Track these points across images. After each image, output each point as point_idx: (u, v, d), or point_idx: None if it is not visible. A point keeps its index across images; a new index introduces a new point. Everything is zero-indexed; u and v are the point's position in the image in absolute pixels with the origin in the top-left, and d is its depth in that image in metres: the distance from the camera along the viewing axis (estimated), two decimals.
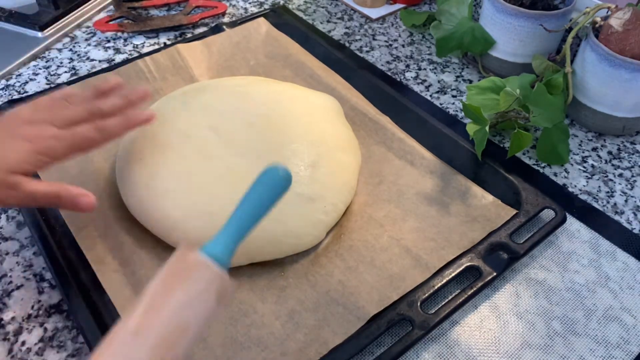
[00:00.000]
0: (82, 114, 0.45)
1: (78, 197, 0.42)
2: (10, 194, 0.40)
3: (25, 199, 0.41)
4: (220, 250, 0.33)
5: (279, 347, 0.43)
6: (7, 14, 0.77)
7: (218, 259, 0.32)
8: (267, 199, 0.35)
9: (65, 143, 0.43)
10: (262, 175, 0.36)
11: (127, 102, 0.47)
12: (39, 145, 0.42)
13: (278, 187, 0.36)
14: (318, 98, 0.58)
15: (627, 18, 0.58)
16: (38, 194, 0.41)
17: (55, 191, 0.41)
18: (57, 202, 0.42)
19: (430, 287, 0.46)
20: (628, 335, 0.46)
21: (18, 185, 0.40)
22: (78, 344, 0.44)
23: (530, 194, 0.53)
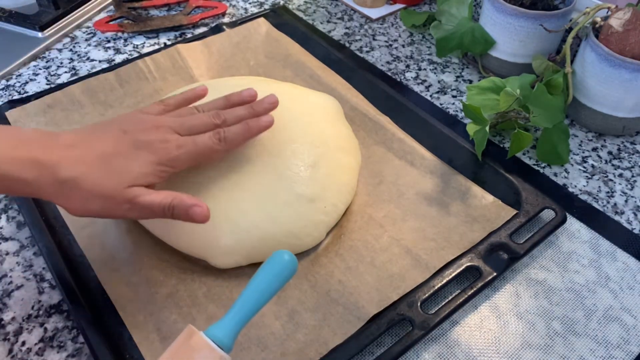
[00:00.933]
0: (207, 123, 0.44)
1: (192, 208, 0.41)
2: (129, 207, 0.40)
3: (142, 212, 0.41)
4: (224, 334, 0.34)
5: (279, 347, 0.43)
6: (7, 14, 0.77)
7: (221, 343, 0.34)
8: (273, 284, 0.37)
9: (188, 154, 0.43)
10: (268, 260, 0.37)
11: (251, 113, 0.47)
12: (163, 157, 0.42)
13: (284, 273, 0.37)
14: (318, 98, 0.58)
15: (627, 18, 0.58)
16: (154, 206, 0.40)
17: (170, 202, 0.41)
18: (171, 213, 0.41)
19: (431, 287, 0.46)
20: (628, 336, 0.46)
21: (136, 199, 0.40)
22: (78, 344, 0.44)
23: (530, 194, 0.53)
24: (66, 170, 0.38)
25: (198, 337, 0.34)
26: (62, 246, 0.49)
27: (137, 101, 0.63)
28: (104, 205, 0.39)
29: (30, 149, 0.38)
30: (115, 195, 0.39)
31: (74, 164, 0.39)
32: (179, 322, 0.44)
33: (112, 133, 0.42)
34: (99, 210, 0.40)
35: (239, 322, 0.35)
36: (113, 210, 0.40)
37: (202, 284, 0.47)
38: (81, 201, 0.39)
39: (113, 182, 0.39)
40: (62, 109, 0.61)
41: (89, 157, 0.39)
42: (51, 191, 0.38)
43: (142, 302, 0.45)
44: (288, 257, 0.37)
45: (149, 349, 0.42)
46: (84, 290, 0.46)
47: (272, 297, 0.37)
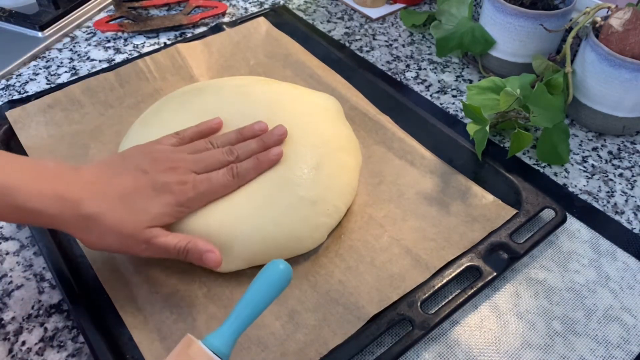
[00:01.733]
0: (221, 160, 0.46)
1: (205, 254, 0.42)
2: (145, 247, 0.42)
3: (158, 252, 0.42)
4: (221, 342, 0.35)
5: (279, 347, 0.43)
6: (7, 14, 0.77)
7: (219, 352, 0.35)
8: (269, 294, 0.38)
9: (204, 194, 0.44)
10: (264, 270, 0.38)
11: (262, 147, 0.48)
12: (181, 198, 0.43)
13: (279, 283, 0.38)
14: (318, 98, 0.58)
15: (627, 18, 0.58)
16: (169, 248, 0.42)
17: (184, 246, 0.42)
18: (185, 255, 0.42)
19: (431, 287, 0.46)
20: (628, 335, 0.46)
21: (153, 240, 0.41)
22: (78, 344, 0.44)
23: (530, 193, 0.53)
24: (88, 206, 0.39)
25: (196, 347, 0.35)
26: (62, 246, 0.49)
27: (137, 101, 0.63)
28: (122, 243, 0.41)
29: (54, 183, 0.39)
30: (133, 235, 0.41)
31: (96, 201, 0.40)
32: (179, 322, 0.44)
33: (131, 172, 0.43)
34: (116, 246, 0.41)
35: (236, 330, 0.36)
36: (130, 247, 0.42)
37: (202, 284, 0.47)
38: (100, 236, 0.40)
39: (132, 221, 0.41)
40: (62, 109, 0.61)
41: (110, 195, 0.41)
42: (73, 225, 0.40)
43: (142, 302, 0.45)
44: (283, 267, 0.38)
45: (149, 349, 0.42)
46: (84, 290, 0.46)
47: (268, 305, 0.38)
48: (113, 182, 0.42)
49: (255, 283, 0.38)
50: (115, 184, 0.42)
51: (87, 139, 0.59)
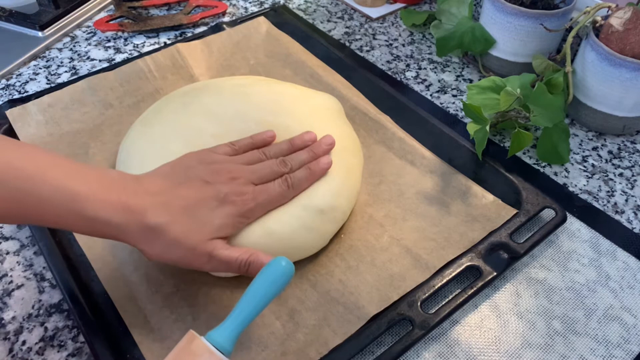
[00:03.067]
0: (276, 171, 0.47)
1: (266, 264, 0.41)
2: (207, 260, 0.41)
3: (219, 265, 0.42)
4: (224, 338, 0.36)
5: (280, 347, 0.43)
6: (7, 14, 0.77)
7: (221, 347, 0.36)
8: (271, 290, 0.38)
9: (263, 203, 0.45)
10: (266, 268, 0.39)
11: (312, 157, 0.49)
12: (242, 209, 0.43)
13: (281, 280, 0.39)
14: (319, 98, 0.58)
15: (628, 17, 0.57)
16: (231, 261, 0.42)
17: (247, 259, 0.42)
18: (247, 269, 0.42)
19: (431, 287, 0.46)
20: (628, 335, 0.46)
21: (215, 252, 0.41)
22: (78, 344, 0.44)
23: (530, 193, 0.53)
24: (153, 216, 0.39)
25: (199, 342, 0.35)
26: (63, 245, 0.49)
27: (137, 100, 0.63)
28: (184, 255, 0.41)
29: (120, 193, 0.39)
30: (197, 247, 0.41)
31: (160, 212, 0.40)
32: (179, 321, 0.44)
33: (195, 183, 0.43)
34: (178, 258, 0.41)
35: (238, 326, 0.37)
36: (191, 260, 0.41)
37: (202, 284, 0.47)
38: (163, 248, 0.40)
39: (197, 233, 0.41)
40: (62, 108, 0.61)
41: (174, 206, 0.41)
42: (136, 236, 0.39)
43: (143, 302, 0.45)
44: (285, 264, 0.38)
45: (149, 349, 0.42)
46: (84, 289, 0.46)
47: (269, 302, 0.38)
48: (176, 193, 0.42)
49: (258, 280, 0.38)
50: (178, 195, 0.42)
51: (87, 138, 0.59)
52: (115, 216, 0.38)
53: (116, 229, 0.39)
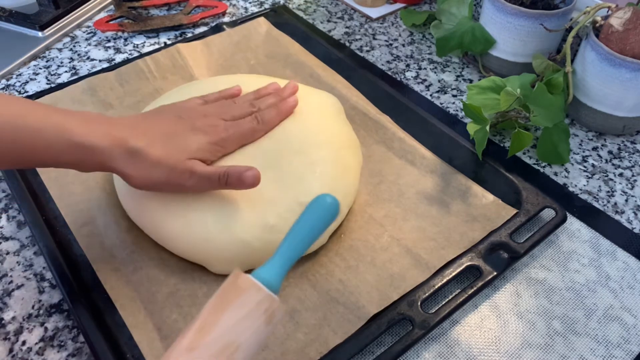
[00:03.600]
0: (245, 110, 0.51)
1: (244, 172, 0.45)
2: (189, 176, 0.45)
3: (199, 182, 0.45)
4: (271, 275, 0.35)
5: (280, 347, 0.43)
6: (7, 14, 0.77)
7: (268, 283, 0.34)
8: (316, 226, 0.38)
9: (235, 135, 0.49)
10: (311, 203, 0.39)
11: (280, 99, 0.54)
12: (215, 137, 0.48)
13: (327, 216, 0.39)
14: (320, 97, 0.58)
15: (628, 17, 0.58)
16: (211, 174, 0.45)
17: (225, 170, 0.45)
18: (226, 180, 0.45)
19: (431, 287, 0.46)
20: (628, 335, 0.46)
21: (195, 168, 0.45)
22: (78, 344, 0.44)
23: (530, 193, 0.53)
24: (134, 140, 0.43)
25: (245, 277, 0.34)
26: (63, 245, 0.49)
27: (137, 100, 0.63)
28: (168, 175, 0.44)
29: (102, 124, 0.43)
30: (177, 165, 0.44)
31: (140, 137, 0.44)
32: (179, 321, 0.44)
33: (168, 117, 0.48)
34: (162, 178, 0.44)
35: (285, 263, 0.36)
36: (175, 179, 0.44)
37: (202, 283, 0.47)
38: (147, 169, 0.43)
39: (176, 154, 0.44)
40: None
41: (152, 133, 0.45)
42: (121, 160, 0.43)
43: (143, 302, 0.45)
44: (330, 200, 0.39)
45: (149, 349, 0.42)
46: (84, 289, 0.46)
47: (315, 238, 0.38)
48: (153, 125, 0.46)
49: (303, 216, 0.38)
50: (156, 126, 0.46)
51: None
52: (101, 142, 0.42)
53: (102, 154, 0.42)
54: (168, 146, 0.44)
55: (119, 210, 0.52)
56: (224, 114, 0.50)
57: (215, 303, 0.34)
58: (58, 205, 0.52)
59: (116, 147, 0.42)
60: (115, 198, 0.52)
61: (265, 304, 0.34)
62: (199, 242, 0.46)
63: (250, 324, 0.33)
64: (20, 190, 0.53)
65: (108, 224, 0.51)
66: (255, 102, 0.52)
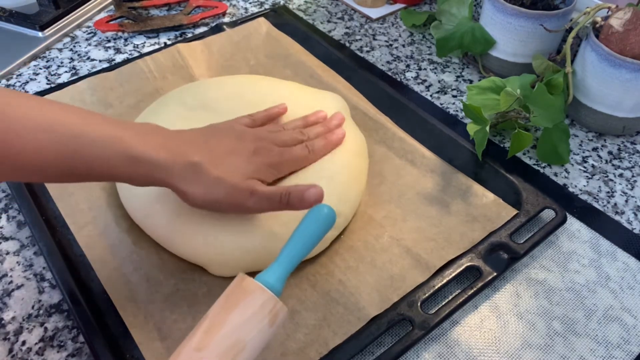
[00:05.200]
0: (294, 138, 0.51)
1: (307, 191, 0.43)
2: (248, 197, 0.43)
3: (259, 202, 0.43)
4: (274, 279, 0.37)
5: (279, 347, 0.43)
6: (7, 14, 0.77)
7: (271, 286, 0.36)
8: (314, 235, 0.40)
9: (289, 161, 0.49)
10: (309, 213, 0.41)
11: (327, 129, 0.54)
12: (273, 161, 0.47)
13: (324, 226, 0.40)
14: (325, 98, 0.58)
15: (628, 18, 0.58)
16: (273, 194, 0.43)
17: (286, 189, 0.43)
18: (287, 199, 0.43)
19: (431, 287, 0.46)
20: (628, 335, 0.46)
21: (256, 187, 0.43)
22: (78, 344, 0.44)
23: (530, 194, 0.53)
24: (196, 155, 0.42)
25: (250, 280, 0.36)
26: (63, 246, 0.49)
27: (137, 100, 0.63)
28: (227, 192, 0.42)
29: (159, 137, 0.42)
30: (238, 184, 0.43)
31: (202, 152, 0.43)
32: (179, 321, 0.44)
33: (228, 138, 0.46)
34: (222, 196, 0.42)
35: (286, 268, 0.38)
36: (235, 198, 0.43)
37: (202, 283, 0.47)
38: (207, 186, 0.42)
39: (236, 173, 0.43)
40: None
41: (213, 150, 0.44)
42: (180, 175, 0.41)
43: (143, 302, 0.45)
44: (327, 210, 0.41)
45: (149, 349, 0.42)
46: (84, 289, 0.46)
47: (313, 246, 0.40)
48: (214, 144, 0.45)
49: (302, 225, 0.40)
50: (217, 143, 0.45)
51: None
52: (160, 155, 0.40)
53: (160, 168, 0.40)
54: (229, 164, 0.43)
55: (119, 211, 0.52)
56: (276, 139, 0.49)
57: (221, 304, 0.35)
58: (58, 205, 0.52)
59: (176, 160, 0.41)
60: (116, 198, 0.52)
61: (269, 306, 0.35)
62: (202, 246, 0.46)
63: (255, 325, 0.34)
64: (20, 190, 0.53)
65: (108, 224, 0.51)
66: (304, 131, 0.52)
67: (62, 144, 0.37)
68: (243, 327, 0.34)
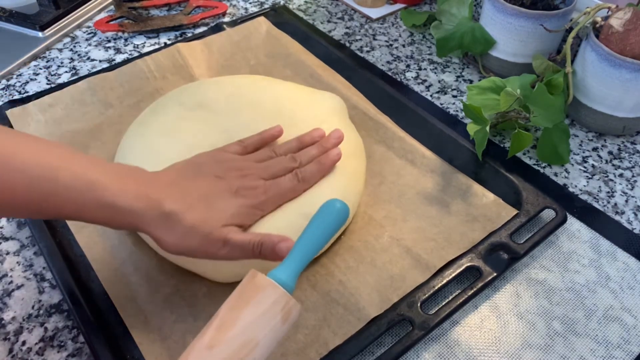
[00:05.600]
0: (286, 167, 0.48)
1: (278, 244, 0.41)
2: (222, 245, 0.42)
3: (232, 252, 0.42)
4: (286, 275, 0.36)
5: (279, 348, 0.43)
6: (7, 14, 0.77)
7: (283, 283, 0.36)
8: (327, 230, 0.40)
9: (274, 197, 0.46)
10: (321, 208, 0.41)
11: (323, 150, 0.51)
12: (254, 200, 0.45)
13: (337, 220, 0.40)
14: (323, 98, 0.58)
15: (628, 18, 0.58)
16: (245, 244, 0.42)
17: (259, 240, 0.42)
18: (259, 250, 0.42)
19: (431, 288, 0.46)
20: (628, 335, 0.46)
21: (229, 236, 0.42)
22: (78, 344, 0.44)
23: (530, 194, 0.53)
24: (170, 204, 0.40)
25: (261, 277, 0.36)
26: (63, 246, 0.49)
27: (137, 100, 0.63)
28: (201, 242, 0.41)
29: (137, 183, 0.40)
30: (212, 233, 0.41)
31: (177, 200, 0.41)
32: (179, 322, 0.44)
33: (207, 177, 0.44)
34: (195, 246, 0.41)
35: (298, 264, 0.38)
36: (207, 247, 0.41)
37: (202, 284, 0.47)
38: (180, 236, 0.41)
39: (212, 220, 0.41)
40: (63, 108, 0.61)
41: (189, 195, 0.42)
42: (154, 223, 0.40)
43: (143, 302, 0.45)
44: (339, 205, 0.40)
45: (149, 349, 0.42)
46: (84, 290, 0.46)
47: (326, 242, 0.40)
48: (190, 185, 0.43)
49: (314, 221, 0.40)
50: (193, 186, 0.43)
51: (87, 138, 0.59)
52: (134, 204, 0.39)
53: (134, 216, 0.39)
54: (205, 211, 0.42)
55: None
56: (264, 171, 0.47)
57: (233, 301, 0.35)
58: None
59: (150, 209, 0.40)
60: None
61: (281, 303, 0.35)
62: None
63: (267, 322, 0.34)
64: None
65: None
66: (296, 156, 0.49)
67: (35, 187, 0.36)
68: (255, 325, 0.34)
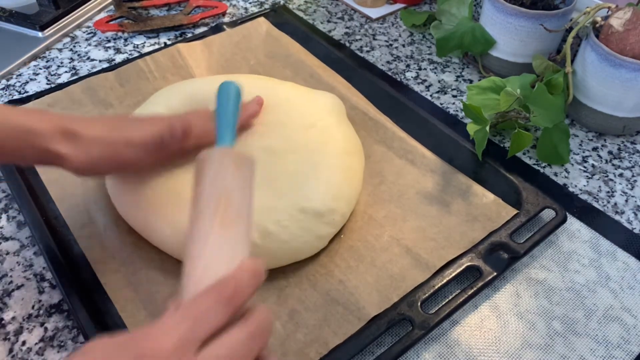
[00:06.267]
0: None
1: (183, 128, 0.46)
2: (124, 147, 0.44)
3: (138, 151, 0.44)
4: (225, 139, 0.41)
5: (279, 348, 0.43)
6: (7, 14, 0.77)
7: (225, 144, 0.41)
8: (234, 103, 0.45)
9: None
10: (221, 90, 0.45)
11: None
12: None
13: (237, 96, 0.45)
14: (321, 97, 0.58)
15: (628, 18, 0.58)
16: (149, 139, 0.45)
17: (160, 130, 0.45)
18: (169, 136, 0.45)
19: (431, 287, 0.46)
20: (628, 335, 0.46)
21: (131, 137, 0.44)
22: (78, 344, 0.44)
23: (530, 193, 0.53)
24: (75, 123, 0.43)
25: (201, 153, 0.38)
26: (63, 246, 0.49)
27: (137, 100, 0.63)
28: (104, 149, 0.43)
29: (46, 114, 0.43)
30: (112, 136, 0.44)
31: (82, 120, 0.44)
32: None
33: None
34: (98, 155, 0.43)
35: (230, 128, 0.42)
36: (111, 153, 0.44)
37: None
38: (84, 149, 0.42)
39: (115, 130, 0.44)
40: (63, 108, 0.61)
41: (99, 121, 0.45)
42: (57, 139, 0.41)
43: (143, 302, 0.45)
44: (230, 83, 0.46)
45: None
46: (84, 290, 0.46)
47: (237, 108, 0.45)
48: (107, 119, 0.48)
49: (220, 99, 0.44)
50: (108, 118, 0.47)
51: None
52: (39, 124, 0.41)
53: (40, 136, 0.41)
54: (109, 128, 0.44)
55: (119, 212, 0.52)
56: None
57: (194, 185, 0.38)
58: (58, 205, 0.52)
59: (54, 127, 0.42)
60: None
61: (227, 156, 0.38)
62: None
63: (224, 175, 0.37)
64: (20, 191, 0.53)
65: (108, 225, 0.51)
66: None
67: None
68: (215, 183, 0.36)
